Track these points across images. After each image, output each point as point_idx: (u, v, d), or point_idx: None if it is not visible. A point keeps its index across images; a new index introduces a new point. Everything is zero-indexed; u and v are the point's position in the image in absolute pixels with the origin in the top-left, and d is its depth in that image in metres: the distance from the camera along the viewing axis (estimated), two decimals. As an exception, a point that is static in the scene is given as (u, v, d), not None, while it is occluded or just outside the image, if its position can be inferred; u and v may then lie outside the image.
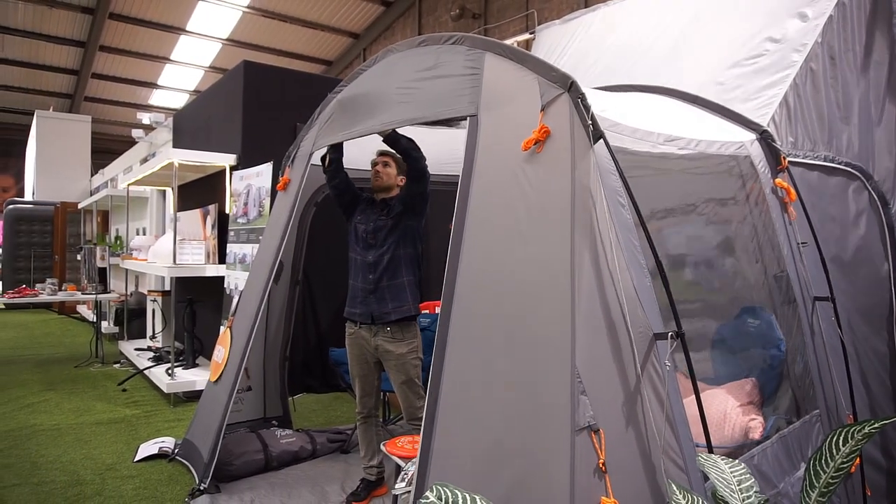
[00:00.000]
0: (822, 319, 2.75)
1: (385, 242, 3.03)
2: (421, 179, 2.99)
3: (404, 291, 3.03)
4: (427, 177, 3.00)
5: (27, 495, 3.29)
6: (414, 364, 3.04)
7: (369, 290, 3.04)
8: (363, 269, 3.07)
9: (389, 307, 3.00)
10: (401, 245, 3.04)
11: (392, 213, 3.06)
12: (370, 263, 3.05)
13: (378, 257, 3.03)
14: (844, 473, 1.69)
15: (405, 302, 3.02)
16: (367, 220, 3.12)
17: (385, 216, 3.07)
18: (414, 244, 3.09)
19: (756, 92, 3.02)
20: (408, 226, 3.06)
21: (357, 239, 3.14)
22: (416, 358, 3.06)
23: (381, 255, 3.03)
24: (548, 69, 2.07)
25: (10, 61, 14.57)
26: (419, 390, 3.05)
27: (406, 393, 3.05)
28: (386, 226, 3.05)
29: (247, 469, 3.54)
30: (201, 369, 5.45)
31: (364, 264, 3.07)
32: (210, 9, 12.89)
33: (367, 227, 3.10)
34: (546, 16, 9.11)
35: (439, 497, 1.38)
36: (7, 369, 6.49)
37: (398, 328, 3.01)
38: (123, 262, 6.96)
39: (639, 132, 2.25)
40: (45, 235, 11.42)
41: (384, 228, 3.05)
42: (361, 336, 3.10)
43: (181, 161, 5.34)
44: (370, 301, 3.03)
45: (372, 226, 3.08)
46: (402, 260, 3.04)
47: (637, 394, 1.85)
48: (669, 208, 2.63)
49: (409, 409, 3.06)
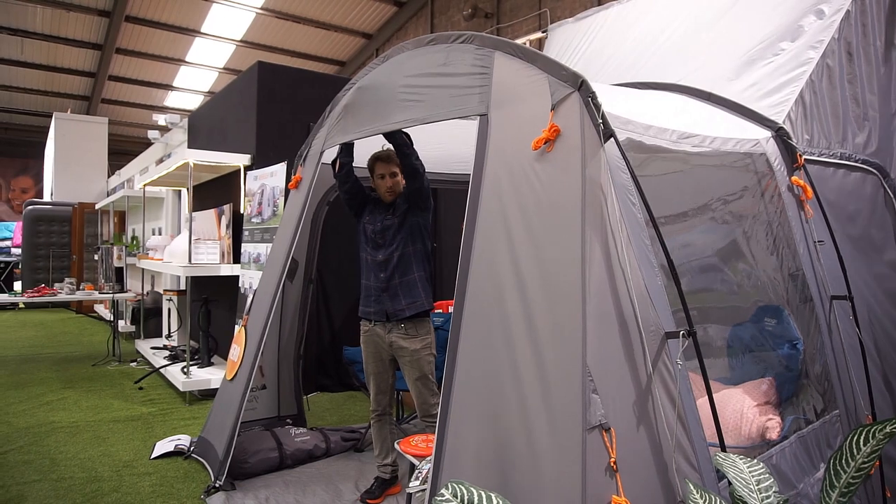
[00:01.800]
0: (840, 318, 2.71)
1: (394, 241, 3.07)
2: (415, 175, 3.00)
3: (416, 287, 3.06)
4: (421, 172, 3.00)
5: (47, 491, 3.34)
6: (428, 360, 3.07)
7: (382, 289, 3.07)
8: (374, 269, 3.11)
9: (403, 304, 3.03)
10: (409, 242, 3.07)
11: (398, 212, 3.09)
12: (380, 262, 3.08)
13: (388, 256, 3.06)
14: (865, 473, 1.67)
15: (418, 298, 3.05)
16: (375, 220, 3.15)
17: (391, 215, 3.10)
18: (423, 240, 3.12)
19: (772, 89, 2.99)
20: (414, 222, 3.09)
21: (367, 239, 3.17)
22: (431, 354, 3.09)
23: (390, 254, 3.06)
24: (558, 68, 2.06)
25: (29, 64, 14.80)
26: (433, 387, 3.07)
27: (420, 389, 3.07)
28: (393, 224, 3.08)
29: (261, 467, 3.57)
30: (216, 368, 5.50)
31: (375, 263, 3.10)
32: (224, 10, 12.99)
33: (374, 227, 3.13)
34: (559, 14, 9.07)
35: (455, 495, 1.38)
36: (27, 367, 6.59)
37: (412, 324, 3.04)
38: (140, 261, 7.04)
39: (652, 129, 2.24)
40: (64, 236, 11.58)
41: (392, 227, 3.08)
42: (376, 333, 3.12)
43: (196, 161, 5.39)
44: (383, 299, 3.06)
45: (380, 225, 3.12)
46: (412, 256, 3.07)
47: (648, 393, 1.84)
48: (683, 207, 2.61)
49: (424, 406, 3.08)
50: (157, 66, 15.27)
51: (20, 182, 20.15)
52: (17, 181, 20.15)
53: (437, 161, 4.06)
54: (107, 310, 9.72)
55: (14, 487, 3.38)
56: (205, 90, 16.93)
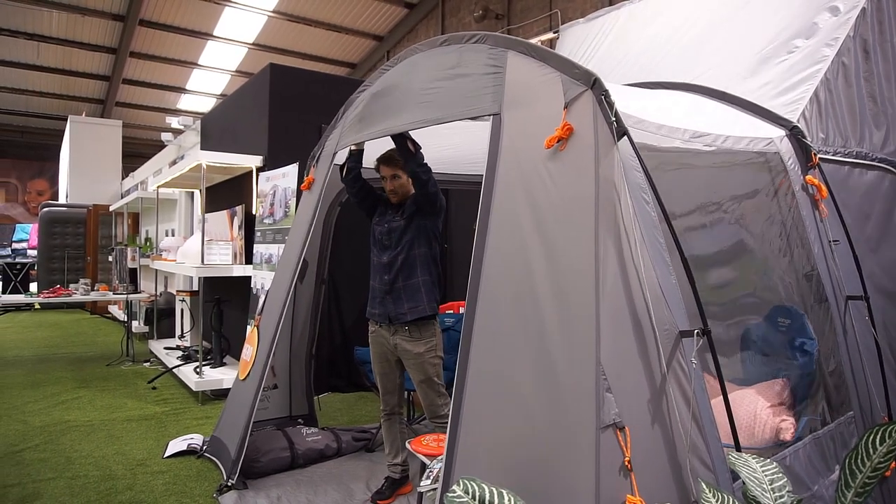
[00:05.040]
0: (856, 319, 2.68)
1: (399, 243, 3.05)
2: (418, 180, 2.95)
3: (419, 292, 3.03)
4: (424, 178, 2.94)
5: (62, 489, 3.37)
6: (433, 363, 3.04)
7: (385, 291, 3.06)
8: (380, 270, 3.11)
9: (405, 307, 3.01)
10: (415, 245, 3.04)
11: (405, 214, 3.07)
12: (385, 264, 3.08)
13: (392, 258, 3.05)
14: (881, 474, 1.65)
15: (420, 302, 3.02)
16: (383, 221, 3.16)
17: (399, 217, 3.10)
18: (429, 243, 3.08)
19: (786, 87, 2.97)
20: (421, 225, 3.05)
21: (374, 241, 3.18)
22: (436, 357, 3.06)
23: (395, 256, 3.05)
24: (570, 66, 2.06)
25: (45, 68, 14.98)
26: (440, 388, 3.06)
27: (426, 391, 3.06)
28: (399, 227, 3.07)
29: (273, 466, 3.58)
30: (228, 368, 5.53)
31: (380, 265, 3.11)
32: (236, 14, 13.09)
33: (382, 228, 3.14)
34: (570, 15, 9.05)
35: (466, 491, 1.38)
36: (42, 367, 6.67)
37: (416, 328, 3.02)
38: (153, 262, 7.10)
39: (664, 128, 2.23)
40: (78, 237, 11.71)
41: (397, 230, 3.07)
42: (381, 335, 3.13)
43: (209, 163, 5.43)
44: (387, 301, 3.06)
45: (386, 227, 3.11)
46: (417, 260, 3.05)
47: (663, 392, 1.83)
48: (696, 206, 2.60)
49: (431, 408, 3.07)
50: (170, 69, 15.40)
51: (36, 185, 20.39)
52: (33, 184, 20.40)
53: (448, 161, 4.06)
54: (121, 310, 9.81)
55: (30, 485, 3.42)
56: (217, 93, 17.06)
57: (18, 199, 20.40)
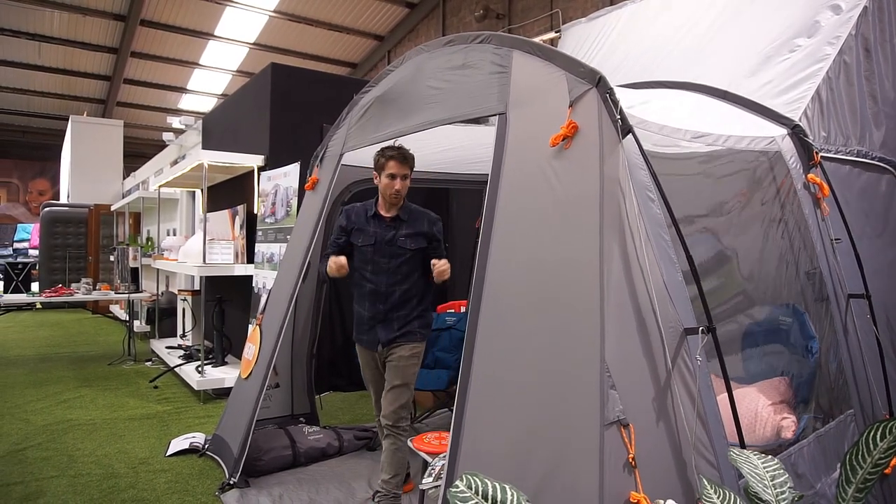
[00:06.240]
0: (857, 317, 2.69)
1: (398, 271, 2.91)
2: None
3: (413, 322, 2.94)
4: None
5: (65, 487, 3.38)
6: (412, 371, 2.93)
7: (378, 320, 2.93)
8: (372, 297, 2.93)
9: (395, 332, 2.92)
10: (415, 274, 2.94)
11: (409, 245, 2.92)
12: (382, 293, 2.92)
13: (390, 288, 2.91)
14: (881, 470, 1.66)
15: (413, 328, 2.94)
16: (370, 236, 2.94)
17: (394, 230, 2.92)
18: (426, 270, 2.93)
19: (788, 86, 2.97)
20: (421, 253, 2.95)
21: (364, 259, 2.95)
22: (417, 364, 2.96)
23: (392, 287, 2.91)
24: (575, 65, 2.07)
25: (47, 68, 15.00)
26: (409, 400, 2.95)
27: (398, 396, 2.90)
28: (403, 257, 2.91)
29: (275, 464, 3.59)
30: (230, 367, 5.54)
31: (375, 293, 2.93)
32: (237, 14, 13.10)
33: (368, 241, 2.94)
34: (571, 15, 9.05)
35: (469, 486, 1.39)
36: (44, 366, 6.68)
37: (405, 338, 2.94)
38: (154, 262, 7.11)
39: (665, 129, 2.23)
40: (80, 237, 11.72)
41: (401, 256, 2.90)
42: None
43: (210, 162, 5.44)
44: (377, 329, 2.94)
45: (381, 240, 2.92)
46: (416, 291, 2.94)
47: (667, 389, 1.84)
48: (698, 204, 2.60)
49: (395, 413, 2.89)
50: (171, 69, 15.41)
51: (37, 184, 20.42)
52: (34, 184, 20.42)
53: (451, 161, 4.07)
54: (122, 310, 9.82)
55: (33, 483, 3.43)
56: (219, 92, 17.07)
57: (20, 198, 20.43)
